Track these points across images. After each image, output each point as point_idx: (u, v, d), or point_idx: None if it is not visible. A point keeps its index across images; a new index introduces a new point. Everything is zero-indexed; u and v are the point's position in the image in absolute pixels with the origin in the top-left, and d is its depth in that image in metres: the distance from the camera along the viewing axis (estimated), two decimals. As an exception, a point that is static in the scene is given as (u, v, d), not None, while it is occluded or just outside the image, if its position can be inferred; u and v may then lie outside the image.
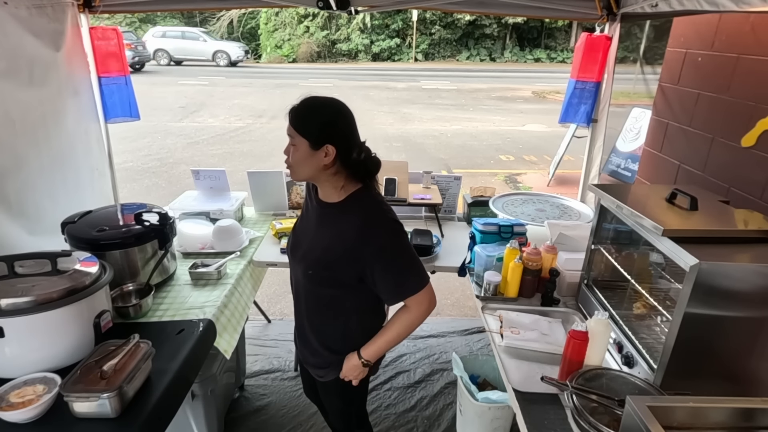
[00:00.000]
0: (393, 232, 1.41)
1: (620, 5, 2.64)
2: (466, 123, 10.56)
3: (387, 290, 1.44)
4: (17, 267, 1.47)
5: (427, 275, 1.47)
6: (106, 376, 1.27)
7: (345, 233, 1.40)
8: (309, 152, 1.35)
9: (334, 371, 1.59)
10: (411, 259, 1.45)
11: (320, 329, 1.57)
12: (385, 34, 23.45)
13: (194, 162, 7.53)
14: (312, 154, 1.35)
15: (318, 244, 1.46)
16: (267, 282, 3.72)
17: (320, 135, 1.34)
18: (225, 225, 2.31)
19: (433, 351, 3.07)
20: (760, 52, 1.87)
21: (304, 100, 1.37)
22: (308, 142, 1.34)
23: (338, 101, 1.40)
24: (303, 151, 1.36)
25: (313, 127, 1.35)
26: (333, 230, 1.44)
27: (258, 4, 4.58)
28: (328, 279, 1.46)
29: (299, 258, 1.51)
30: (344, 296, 1.50)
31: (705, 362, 1.31)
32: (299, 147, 1.36)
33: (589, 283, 1.85)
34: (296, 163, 1.38)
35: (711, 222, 1.42)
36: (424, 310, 1.46)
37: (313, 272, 1.47)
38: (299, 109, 1.36)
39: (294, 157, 1.38)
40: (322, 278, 1.47)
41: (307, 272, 1.48)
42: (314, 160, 1.36)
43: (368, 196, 1.45)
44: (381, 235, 1.40)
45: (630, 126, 4.52)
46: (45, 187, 2.24)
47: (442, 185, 2.79)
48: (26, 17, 2.11)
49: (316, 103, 1.38)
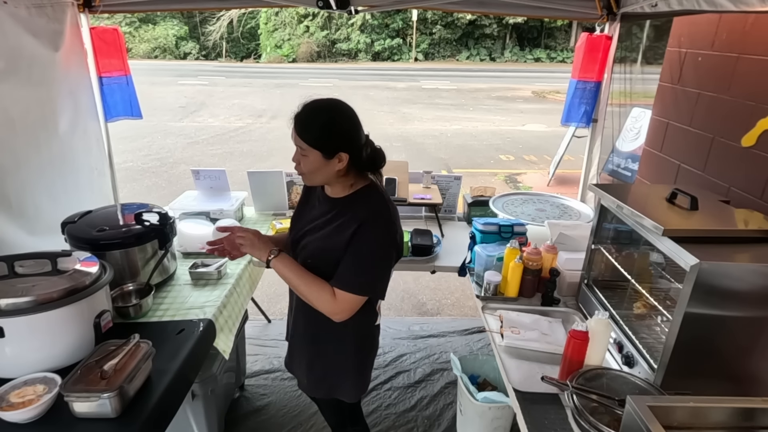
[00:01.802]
0: (386, 235, 1.40)
1: (620, 5, 2.64)
2: (466, 123, 10.56)
3: (339, 271, 1.38)
4: (17, 267, 1.47)
5: (378, 293, 1.44)
6: (107, 376, 1.26)
7: (346, 224, 1.40)
8: (322, 162, 1.35)
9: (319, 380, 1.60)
10: (379, 266, 1.40)
11: (314, 322, 1.53)
12: (385, 33, 23.46)
13: (194, 162, 7.54)
14: (326, 163, 1.36)
15: (321, 234, 1.45)
16: (267, 282, 3.73)
17: (332, 144, 1.34)
18: (225, 225, 2.30)
19: (433, 351, 3.07)
20: (760, 52, 1.87)
21: (307, 109, 1.35)
22: (321, 152, 1.34)
23: (339, 102, 1.39)
24: (316, 161, 1.35)
25: (324, 137, 1.34)
26: (337, 222, 1.43)
27: (258, 4, 4.58)
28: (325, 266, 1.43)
29: (299, 250, 1.51)
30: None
31: (705, 362, 1.31)
32: (311, 157, 1.35)
33: (589, 282, 1.85)
34: (310, 171, 1.38)
35: (711, 222, 1.42)
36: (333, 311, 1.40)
37: (312, 261, 1.46)
38: (305, 119, 1.34)
39: (307, 166, 1.37)
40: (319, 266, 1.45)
41: (306, 261, 1.47)
42: (329, 168, 1.37)
43: (376, 192, 1.47)
44: (375, 230, 1.39)
45: (630, 126, 4.51)
46: (45, 187, 2.24)
47: (442, 185, 2.79)
48: (26, 17, 2.11)
49: (321, 111, 1.36)
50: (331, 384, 1.60)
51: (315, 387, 1.64)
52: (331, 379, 1.60)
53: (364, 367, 1.64)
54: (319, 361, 1.59)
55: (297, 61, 22.86)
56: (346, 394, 1.62)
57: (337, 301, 1.39)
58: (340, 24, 23.12)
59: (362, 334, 1.56)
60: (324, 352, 1.58)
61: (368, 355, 1.65)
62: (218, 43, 24.13)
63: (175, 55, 24.13)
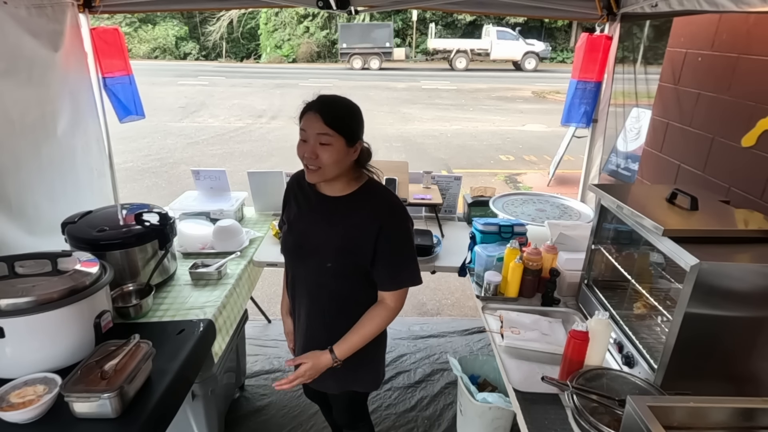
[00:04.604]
0: (406, 221, 1.46)
1: (620, 5, 2.64)
2: (466, 123, 10.56)
3: (386, 275, 1.45)
4: (17, 267, 1.47)
5: (419, 277, 1.50)
6: (107, 376, 1.26)
7: (363, 220, 1.41)
8: (345, 150, 1.35)
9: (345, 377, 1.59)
10: (414, 252, 1.50)
11: (332, 327, 1.52)
12: (385, 34, 23.42)
13: (194, 162, 7.54)
14: (347, 151, 1.36)
15: (334, 235, 1.44)
16: (267, 282, 3.73)
17: (357, 132, 1.37)
18: (225, 225, 2.31)
19: (434, 351, 3.07)
20: (760, 52, 1.87)
21: (329, 99, 1.36)
22: (345, 139, 1.34)
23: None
24: (340, 150, 1.34)
25: (350, 124, 1.36)
26: (350, 220, 1.43)
27: (258, 4, 4.59)
28: (349, 267, 1.45)
29: (308, 254, 1.48)
30: (361, 286, 1.49)
31: (705, 362, 1.31)
32: (335, 146, 1.32)
33: (589, 283, 1.85)
34: (332, 162, 1.34)
35: (711, 222, 1.42)
36: (399, 308, 1.49)
37: (333, 263, 1.44)
38: (332, 107, 1.34)
39: (330, 157, 1.33)
40: (342, 267, 1.45)
41: (325, 265, 1.45)
42: (348, 157, 1.38)
43: (381, 186, 1.49)
44: (397, 222, 1.43)
45: (630, 126, 4.52)
46: (45, 187, 2.24)
47: (442, 185, 2.79)
48: (26, 17, 2.11)
49: (341, 100, 1.38)
50: (355, 376, 1.60)
51: (338, 381, 1.61)
52: (356, 371, 1.59)
53: (382, 356, 1.71)
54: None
55: (297, 61, 22.86)
56: (368, 384, 1.68)
57: (394, 302, 1.48)
58: (340, 24, 23.12)
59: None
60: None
61: (384, 343, 1.70)
62: (218, 43, 24.13)
63: (175, 56, 24.13)
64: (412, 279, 1.48)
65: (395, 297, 1.47)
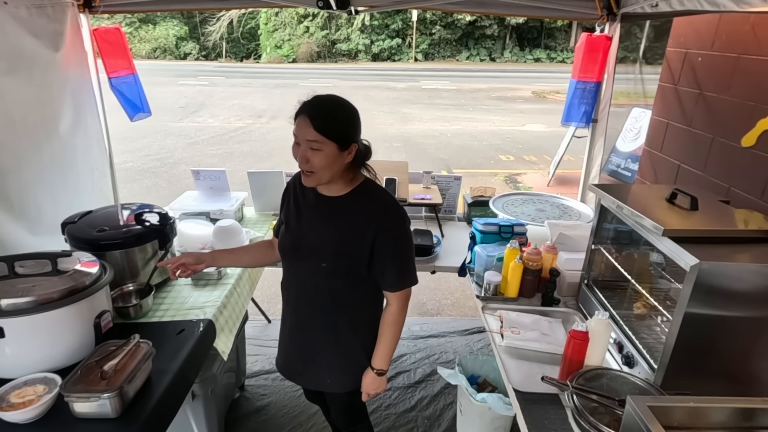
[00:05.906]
0: (404, 221, 1.47)
1: (620, 5, 2.64)
2: (466, 123, 10.56)
3: (391, 278, 1.47)
4: (18, 267, 1.47)
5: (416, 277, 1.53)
6: (107, 376, 1.27)
7: (359, 221, 1.42)
8: (337, 155, 1.34)
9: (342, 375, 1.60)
10: (413, 252, 1.52)
11: (326, 326, 1.55)
12: (385, 34, 23.46)
13: (194, 162, 7.54)
14: (339, 155, 1.35)
15: (331, 236, 1.45)
16: (267, 282, 3.72)
17: (349, 136, 1.35)
18: (225, 225, 2.30)
19: (434, 351, 3.07)
20: (760, 52, 1.87)
21: (321, 102, 1.35)
22: (337, 144, 1.33)
23: (341, 96, 1.40)
24: (330, 155, 1.33)
25: (343, 129, 1.35)
26: (345, 221, 1.44)
27: (258, 4, 4.59)
28: (345, 268, 1.46)
29: (305, 254, 1.49)
30: (357, 286, 1.50)
31: (705, 362, 1.31)
32: (326, 151, 1.32)
33: (589, 283, 1.85)
34: (324, 167, 1.34)
35: (711, 222, 1.42)
36: (407, 304, 1.53)
37: (329, 264, 1.45)
38: (322, 112, 1.33)
39: (320, 162, 1.33)
40: (337, 268, 1.46)
41: (320, 265, 1.46)
42: (340, 161, 1.36)
43: (376, 186, 1.49)
44: (394, 223, 1.44)
45: (630, 126, 4.52)
46: (45, 187, 2.24)
47: (442, 185, 2.79)
48: (26, 17, 2.11)
49: (335, 104, 1.37)
50: (355, 376, 1.60)
51: (339, 381, 1.62)
52: (356, 370, 1.60)
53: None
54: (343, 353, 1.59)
55: (297, 61, 22.86)
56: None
57: (401, 302, 1.50)
58: (340, 24, 23.13)
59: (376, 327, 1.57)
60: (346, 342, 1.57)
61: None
62: (218, 43, 24.13)
63: (175, 56, 24.12)
64: (413, 278, 1.51)
65: (404, 295, 1.51)
